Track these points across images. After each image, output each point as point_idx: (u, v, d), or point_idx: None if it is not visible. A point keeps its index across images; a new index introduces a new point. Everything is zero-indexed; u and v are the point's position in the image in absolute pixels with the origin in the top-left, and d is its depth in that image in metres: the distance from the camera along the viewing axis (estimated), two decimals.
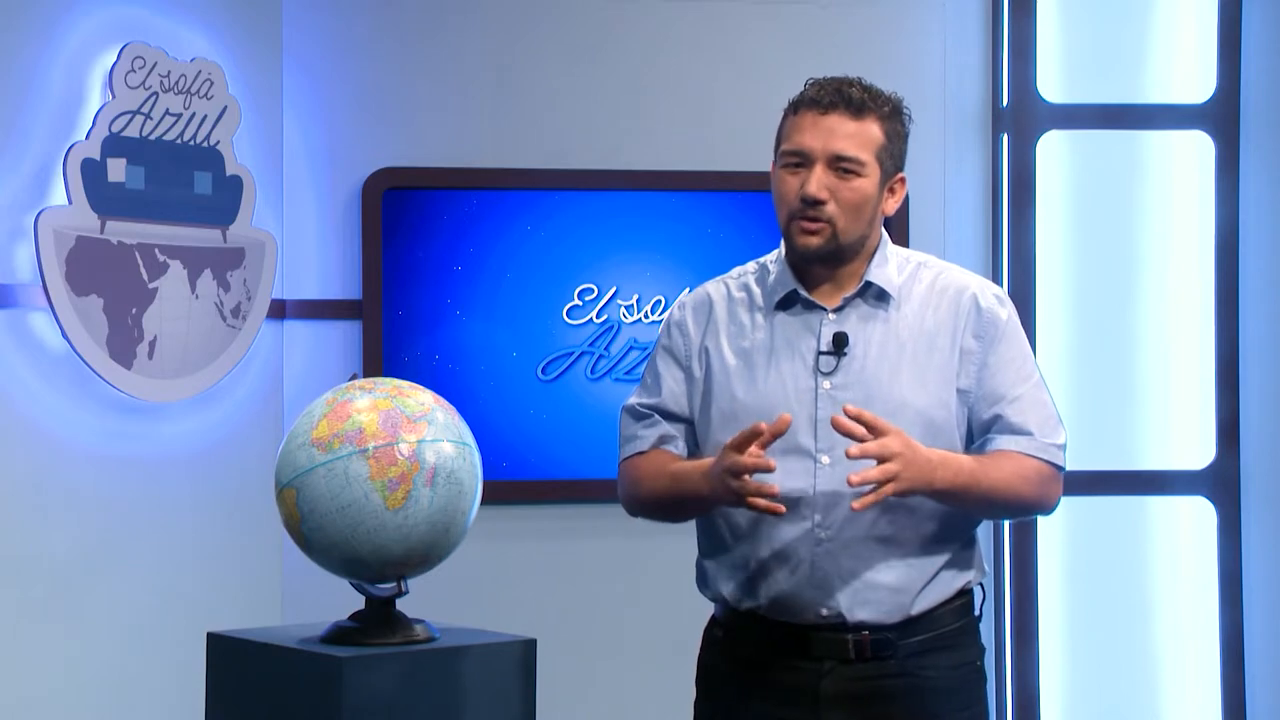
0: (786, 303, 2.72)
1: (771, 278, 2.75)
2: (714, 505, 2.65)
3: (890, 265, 2.73)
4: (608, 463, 4.46)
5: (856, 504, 2.51)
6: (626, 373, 4.54)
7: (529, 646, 2.76)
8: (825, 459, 2.64)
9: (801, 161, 2.65)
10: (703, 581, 2.79)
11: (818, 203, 2.63)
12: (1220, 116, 4.58)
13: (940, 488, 2.58)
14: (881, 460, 2.50)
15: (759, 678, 2.70)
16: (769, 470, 2.53)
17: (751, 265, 2.82)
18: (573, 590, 4.56)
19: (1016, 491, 2.67)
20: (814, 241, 2.66)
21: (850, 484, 2.50)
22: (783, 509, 2.54)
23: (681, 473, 2.71)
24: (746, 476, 2.53)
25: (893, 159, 2.69)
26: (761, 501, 2.53)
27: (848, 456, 2.51)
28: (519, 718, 2.74)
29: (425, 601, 2.97)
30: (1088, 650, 4.59)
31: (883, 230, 2.75)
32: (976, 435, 2.71)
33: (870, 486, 2.50)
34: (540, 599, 4.51)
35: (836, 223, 2.65)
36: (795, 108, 2.69)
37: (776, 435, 2.53)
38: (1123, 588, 4.59)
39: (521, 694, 2.74)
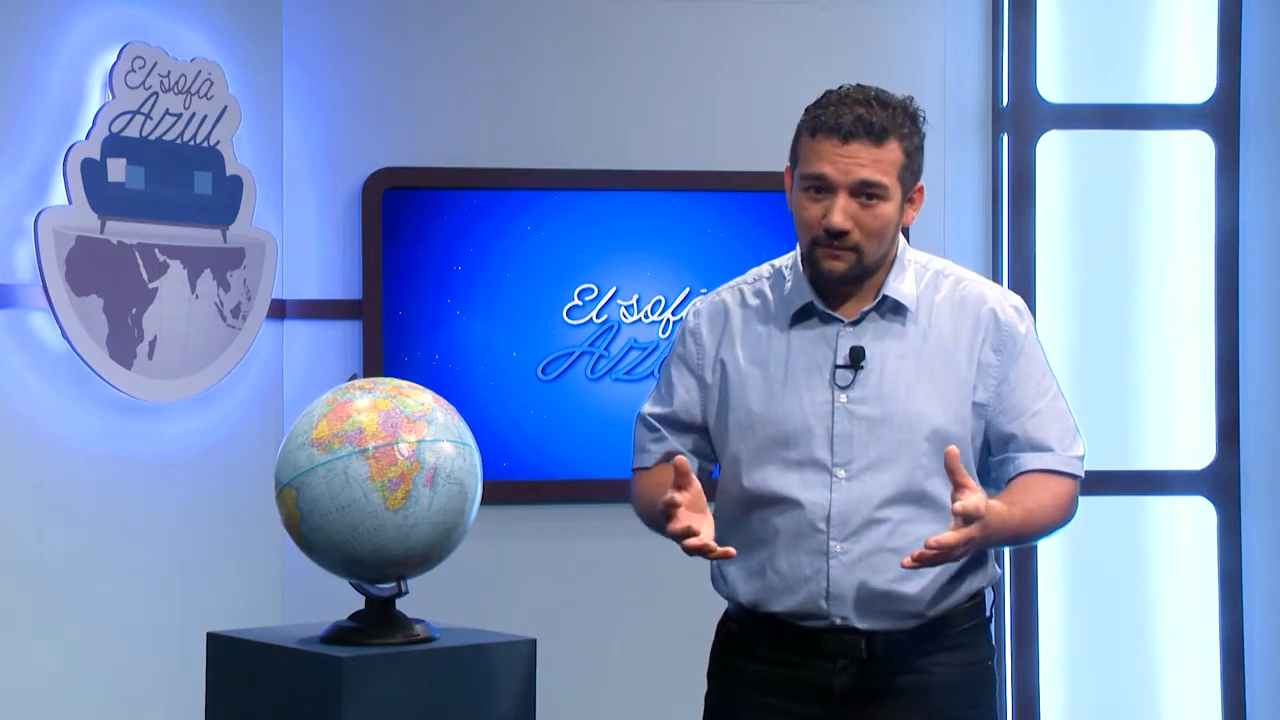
0: (803, 314, 2.71)
1: (788, 286, 2.73)
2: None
3: (908, 275, 2.71)
4: (608, 463, 4.51)
5: (906, 563, 2.49)
6: (626, 373, 4.54)
7: (529, 646, 2.76)
8: (842, 473, 2.64)
9: (823, 187, 2.62)
10: (718, 581, 2.79)
11: (842, 233, 2.62)
12: (1220, 116, 4.58)
13: (994, 544, 2.64)
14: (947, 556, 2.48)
15: (772, 674, 2.71)
16: (702, 551, 2.51)
17: (765, 269, 2.80)
18: (573, 590, 4.56)
19: (1053, 522, 2.69)
20: (840, 268, 2.64)
21: (910, 561, 2.47)
22: (732, 552, 2.52)
23: (656, 507, 2.66)
24: (692, 539, 2.52)
25: (912, 174, 2.68)
26: (694, 544, 2.52)
27: (913, 563, 2.47)
28: (519, 718, 2.74)
29: (425, 601, 2.97)
30: (1088, 650, 4.59)
31: (901, 237, 2.74)
32: (994, 449, 2.72)
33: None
34: (540, 599, 4.51)
35: (862, 248, 2.63)
36: (813, 130, 2.63)
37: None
38: (1123, 588, 4.59)
39: (521, 694, 2.74)
